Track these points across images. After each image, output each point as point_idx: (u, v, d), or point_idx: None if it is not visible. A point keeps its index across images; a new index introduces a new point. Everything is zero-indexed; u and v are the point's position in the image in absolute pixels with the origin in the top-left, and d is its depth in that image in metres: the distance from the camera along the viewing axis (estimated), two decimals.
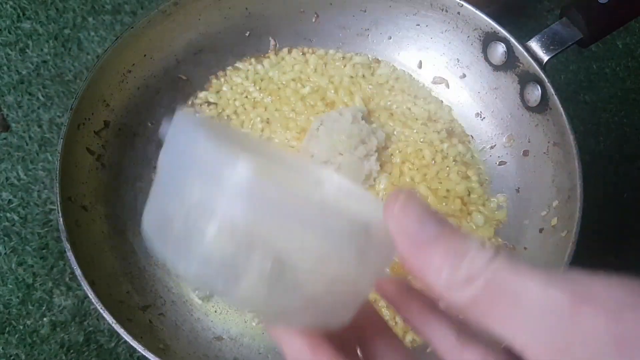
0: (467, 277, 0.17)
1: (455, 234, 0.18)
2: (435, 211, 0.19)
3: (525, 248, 0.49)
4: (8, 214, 0.54)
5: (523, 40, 0.49)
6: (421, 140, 0.55)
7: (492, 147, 0.55)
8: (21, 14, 0.64)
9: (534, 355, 0.16)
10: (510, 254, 0.17)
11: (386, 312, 0.48)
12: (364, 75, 0.58)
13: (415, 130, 0.55)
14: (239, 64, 0.58)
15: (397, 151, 0.54)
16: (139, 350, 0.40)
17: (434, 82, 0.58)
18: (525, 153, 0.53)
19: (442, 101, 0.57)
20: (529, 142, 0.52)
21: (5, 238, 0.53)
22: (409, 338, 0.47)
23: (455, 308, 0.18)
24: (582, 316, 0.15)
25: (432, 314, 0.22)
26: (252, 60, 0.59)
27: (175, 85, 0.57)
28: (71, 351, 0.49)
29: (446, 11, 0.54)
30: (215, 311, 0.49)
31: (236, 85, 0.58)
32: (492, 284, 0.17)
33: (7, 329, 0.50)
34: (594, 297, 0.15)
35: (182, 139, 0.19)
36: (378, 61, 0.59)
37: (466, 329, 0.22)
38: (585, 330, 0.15)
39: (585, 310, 0.15)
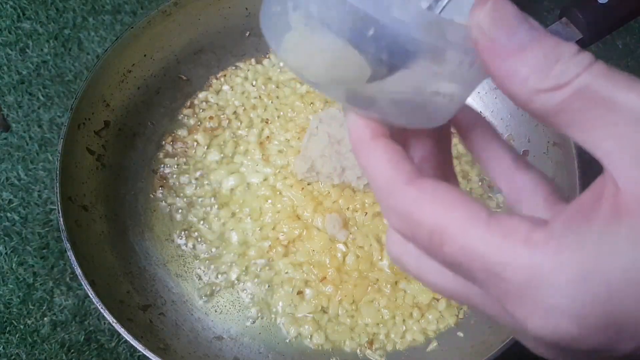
0: (558, 83, 0.17)
1: (548, 38, 0.17)
2: (526, 16, 0.18)
3: None
4: (8, 214, 0.54)
5: None
6: None
7: None
8: (21, 14, 0.64)
9: (617, 165, 0.16)
10: (607, 65, 0.17)
11: (385, 311, 0.48)
12: None
13: None
14: (239, 64, 0.59)
15: None
16: (140, 349, 0.40)
17: None
18: (525, 153, 0.53)
19: None
20: (528, 142, 0.52)
21: (6, 238, 0.53)
22: (409, 337, 0.48)
23: (537, 115, 0.17)
24: None
25: (494, 139, 0.23)
26: (252, 60, 0.59)
27: (176, 85, 0.57)
28: (72, 351, 0.50)
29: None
30: (216, 311, 0.49)
31: (236, 85, 0.58)
32: (585, 90, 0.16)
33: (8, 328, 0.50)
34: None
35: None
36: None
37: (523, 158, 0.23)
38: None
39: None
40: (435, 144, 0.23)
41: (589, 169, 0.46)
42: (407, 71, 0.19)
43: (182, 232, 0.52)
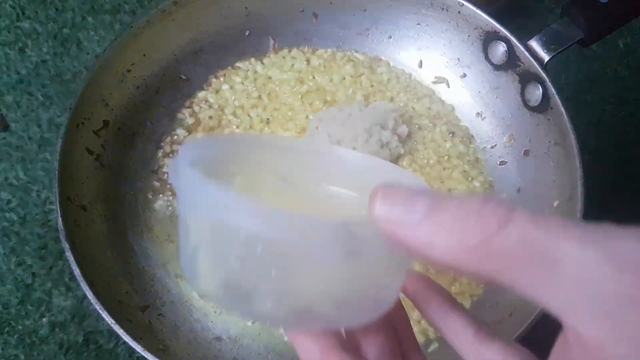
0: (481, 243, 0.16)
1: (450, 199, 0.17)
2: (420, 190, 0.18)
3: None
4: (7, 214, 0.54)
5: (524, 39, 0.49)
6: (424, 139, 0.54)
7: (492, 147, 0.55)
8: (20, 14, 0.64)
9: (574, 320, 0.15)
10: (523, 209, 0.16)
11: None
12: (364, 74, 0.58)
13: (418, 130, 0.55)
14: (238, 64, 0.58)
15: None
16: (138, 350, 0.40)
17: (434, 82, 0.57)
18: (526, 153, 0.52)
19: (444, 100, 0.57)
20: (529, 141, 0.52)
21: (4, 238, 0.53)
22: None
23: (475, 275, 0.16)
24: (626, 282, 0.14)
25: (452, 309, 0.22)
26: (252, 59, 0.59)
27: (175, 84, 0.56)
28: (70, 351, 0.49)
29: (447, 10, 0.54)
30: (215, 312, 0.49)
31: (236, 85, 0.57)
32: (514, 246, 0.15)
33: (6, 329, 0.50)
34: (635, 261, 0.14)
35: (183, 184, 0.20)
36: (378, 60, 0.59)
37: (484, 327, 0.22)
38: (630, 295, 0.14)
39: (628, 278, 0.14)
40: (389, 335, 0.23)
41: (590, 168, 0.46)
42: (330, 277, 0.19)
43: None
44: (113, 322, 0.40)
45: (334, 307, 0.19)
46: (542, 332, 0.40)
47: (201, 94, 0.57)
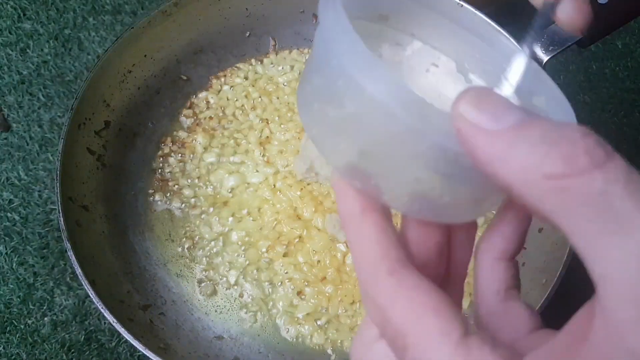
0: (560, 172, 0.14)
1: (544, 121, 0.15)
2: (514, 104, 0.16)
3: (524, 248, 0.49)
4: (9, 214, 0.54)
5: (522, 40, 0.49)
6: None
7: None
8: (22, 14, 0.64)
9: (615, 295, 0.14)
10: (623, 162, 0.14)
11: None
12: None
13: None
14: (239, 64, 0.59)
15: None
16: (140, 349, 0.40)
17: None
18: None
19: None
20: None
21: (6, 238, 0.53)
22: None
23: (529, 204, 0.15)
24: None
25: (504, 259, 0.21)
26: (252, 60, 0.59)
27: (176, 85, 0.57)
28: (72, 350, 0.50)
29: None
30: (216, 311, 0.49)
31: (236, 85, 0.58)
32: (595, 195, 0.14)
33: (8, 328, 0.50)
34: None
35: (330, 26, 0.18)
36: None
37: (515, 289, 0.21)
38: None
39: None
40: (437, 247, 0.20)
41: None
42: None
43: (183, 232, 0.52)
44: (114, 321, 0.41)
45: (440, 198, 0.19)
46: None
47: (202, 95, 0.57)
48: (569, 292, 0.36)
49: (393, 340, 0.17)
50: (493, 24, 0.50)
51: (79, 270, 0.42)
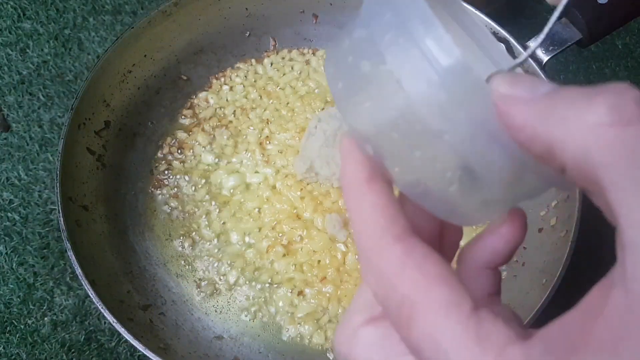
0: (604, 122, 0.13)
1: (577, 88, 0.14)
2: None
3: (524, 247, 0.49)
4: (9, 214, 0.54)
5: (523, 40, 0.49)
6: None
7: None
8: (22, 14, 0.64)
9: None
10: None
11: None
12: None
13: None
14: (239, 64, 0.59)
15: None
16: (140, 349, 0.40)
17: None
18: None
19: None
20: None
21: (6, 238, 0.53)
22: None
23: (568, 157, 0.14)
24: None
25: (488, 267, 0.20)
26: (252, 60, 0.59)
27: (176, 85, 0.57)
28: (72, 350, 0.50)
29: None
30: (216, 310, 0.49)
31: (236, 85, 0.58)
32: (635, 146, 0.13)
33: (8, 328, 0.50)
34: None
35: None
36: None
37: (498, 295, 0.20)
38: None
39: None
40: (435, 229, 0.20)
41: None
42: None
43: (182, 232, 0.52)
44: (114, 321, 0.41)
45: (447, 187, 0.18)
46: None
47: (202, 95, 0.57)
48: (569, 292, 0.36)
49: (398, 309, 0.16)
50: (493, 23, 0.50)
51: (79, 270, 0.42)
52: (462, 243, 0.22)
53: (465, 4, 0.52)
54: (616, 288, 0.13)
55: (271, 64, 0.59)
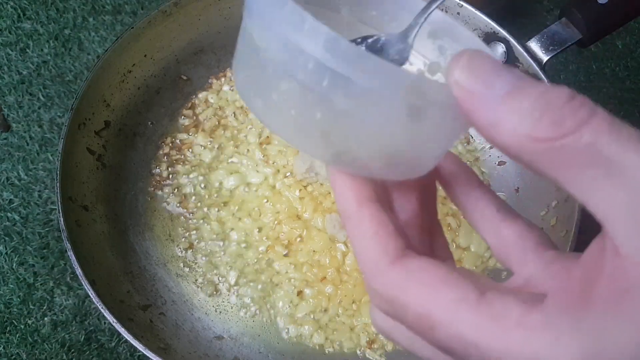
0: (551, 134, 0.15)
1: (535, 85, 0.16)
2: (508, 66, 0.17)
3: None
4: (9, 214, 0.54)
5: (523, 40, 0.49)
6: None
7: (491, 147, 0.55)
8: (22, 14, 0.64)
9: (617, 229, 0.15)
10: (606, 114, 0.15)
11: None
12: None
13: None
14: None
15: None
16: (140, 349, 0.40)
17: None
18: None
19: None
20: None
21: (6, 238, 0.53)
22: (389, 347, 0.48)
23: (529, 166, 0.16)
24: None
25: (478, 186, 0.22)
26: None
27: (176, 85, 0.57)
28: (72, 350, 0.50)
29: (446, 11, 0.54)
30: (216, 310, 0.49)
31: None
32: (585, 147, 0.15)
33: (8, 328, 0.50)
34: None
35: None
36: None
37: (508, 206, 0.22)
38: None
39: None
40: (420, 198, 0.22)
41: None
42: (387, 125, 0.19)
43: (182, 232, 0.52)
44: (114, 321, 0.41)
45: (379, 158, 0.19)
46: None
47: (202, 95, 0.57)
48: None
49: (417, 323, 0.18)
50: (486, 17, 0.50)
51: (79, 270, 0.42)
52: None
53: (467, 5, 0.52)
54: (608, 251, 0.15)
55: None
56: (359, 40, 0.24)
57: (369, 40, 0.24)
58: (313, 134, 0.19)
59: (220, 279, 0.50)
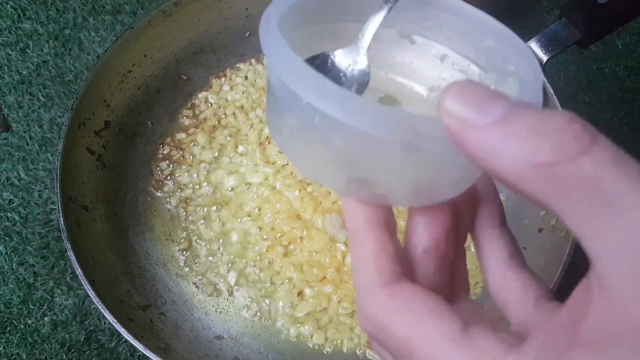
0: (550, 160, 0.14)
1: (530, 110, 0.15)
2: (500, 92, 0.16)
3: (524, 248, 0.49)
4: (9, 214, 0.54)
5: (522, 39, 0.49)
6: None
7: None
8: (22, 14, 0.64)
9: (609, 269, 0.14)
10: (609, 143, 0.14)
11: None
12: None
13: None
14: (239, 64, 0.59)
15: None
16: (140, 349, 0.40)
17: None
18: None
19: None
20: None
21: (6, 238, 0.53)
22: None
23: (526, 195, 0.16)
24: None
25: (499, 226, 0.22)
26: (253, 60, 0.59)
27: (176, 85, 0.57)
28: (72, 350, 0.50)
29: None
30: (216, 310, 0.49)
31: (236, 85, 0.58)
32: (585, 178, 0.14)
33: (8, 328, 0.50)
34: None
35: (274, 56, 0.21)
36: None
37: (520, 253, 0.21)
38: None
39: None
40: (446, 226, 0.21)
41: None
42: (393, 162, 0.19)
43: (182, 232, 0.52)
44: (114, 321, 0.41)
45: (386, 189, 0.20)
46: None
47: (202, 95, 0.57)
48: (569, 292, 0.36)
49: (397, 348, 0.18)
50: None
51: (79, 270, 0.42)
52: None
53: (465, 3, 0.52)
54: (594, 295, 0.15)
55: None
56: (318, 62, 0.24)
57: (317, 62, 0.24)
58: (320, 166, 0.20)
59: (220, 279, 0.50)
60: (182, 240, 0.51)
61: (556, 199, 0.15)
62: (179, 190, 0.53)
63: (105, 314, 0.41)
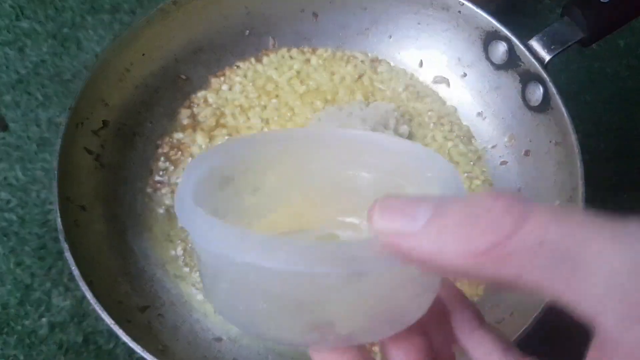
0: (495, 245, 0.14)
1: (455, 202, 0.15)
2: (422, 195, 0.16)
3: None
4: (6, 214, 0.54)
5: (524, 39, 0.49)
6: (425, 139, 0.54)
7: (493, 147, 0.55)
8: (20, 13, 0.64)
9: (610, 324, 0.14)
10: (543, 205, 0.14)
11: None
12: (364, 74, 0.58)
13: (419, 129, 0.55)
14: (238, 63, 0.58)
15: None
16: (138, 351, 0.40)
17: (435, 82, 0.57)
18: (527, 153, 0.52)
19: (444, 100, 0.57)
20: (530, 142, 0.52)
21: (4, 238, 0.53)
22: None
23: (494, 283, 0.15)
24: None
25: (480, 325, 0.21)
26: (252, 59, 0.58)
27: (175, 84, 0.56)
28: (69, 352, 0.49)
29: (447, 10, 0.54)
30: (215, 312, 0.49)
31: (235, 85, 0.57)
32: (536, 247, 0.14)
33: (5, 329, 0.50)
34: None
35: (187, 219, 0.20)
36: (378, 60, 0.58)
37: (512, 347, 0.21)
38: None
39: None
40: (422, 346, 0.21)
41: (589, 168, 0.46)
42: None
43: (182, 233, 0.51)
44: (112, 322, 0.40)
45: (351, 326, 0.19)
46: (543, 331, 0.40)
47: (201, 94, 0.57)
48: None
49: None
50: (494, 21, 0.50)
51: (76, 271, 0.42)
52: None
53: (468, 3, 0.52)
54: (609, 351, 0.14)
55: (271, 64, 0.58)
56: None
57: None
58: (273, 323, 0.20)
59: None
60: (181, 241, 0.51)
61: (520, 276, 0.14)
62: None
63: (103, 315, 0.40)
